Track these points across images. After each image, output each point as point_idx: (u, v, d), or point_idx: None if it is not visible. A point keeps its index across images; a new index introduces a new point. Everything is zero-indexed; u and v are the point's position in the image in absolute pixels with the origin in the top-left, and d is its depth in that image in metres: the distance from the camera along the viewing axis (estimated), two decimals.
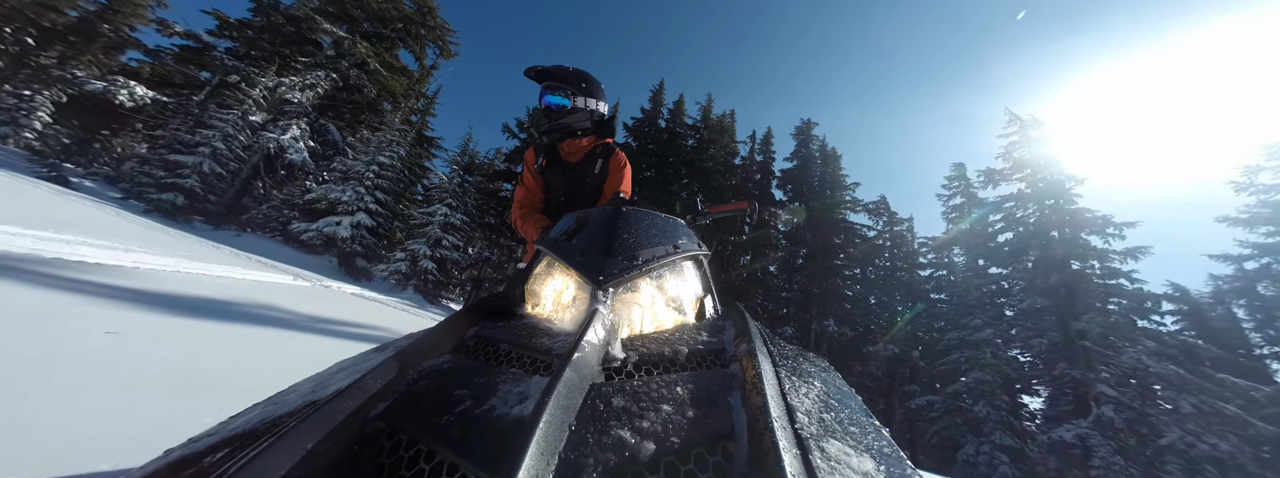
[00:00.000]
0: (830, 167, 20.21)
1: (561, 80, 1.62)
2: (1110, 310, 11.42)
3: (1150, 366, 9.47)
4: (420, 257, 14.95)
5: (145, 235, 7.04)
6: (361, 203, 14.89)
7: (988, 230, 14.96)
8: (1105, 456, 9.00)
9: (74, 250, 4.11)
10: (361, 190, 14.86)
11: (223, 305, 3.52)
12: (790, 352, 0.67)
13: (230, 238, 12.36)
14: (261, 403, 0.53)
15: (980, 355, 12.30)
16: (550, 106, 1.62)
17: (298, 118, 17.09)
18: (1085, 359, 10.42)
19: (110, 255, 4.32)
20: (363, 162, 15.38)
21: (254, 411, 0.50)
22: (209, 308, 3.28)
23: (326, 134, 19.05)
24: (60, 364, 1.60)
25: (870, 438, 0.47)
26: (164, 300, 3.01)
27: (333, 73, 18.46)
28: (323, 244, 14.17)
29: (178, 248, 6.72)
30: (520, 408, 0.40)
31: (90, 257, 3.91)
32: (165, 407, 1.52)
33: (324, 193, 14.65)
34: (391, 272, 14.78)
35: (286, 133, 16.67)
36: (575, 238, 0.72)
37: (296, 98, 17.30)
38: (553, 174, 1.74)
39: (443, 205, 15.87)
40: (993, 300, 14.21)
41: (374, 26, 20.92)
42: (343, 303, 6.51)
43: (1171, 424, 8.57)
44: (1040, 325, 12.09)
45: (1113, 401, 9.49)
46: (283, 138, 16.37)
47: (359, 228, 14.58)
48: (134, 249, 5.20)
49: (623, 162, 1.76)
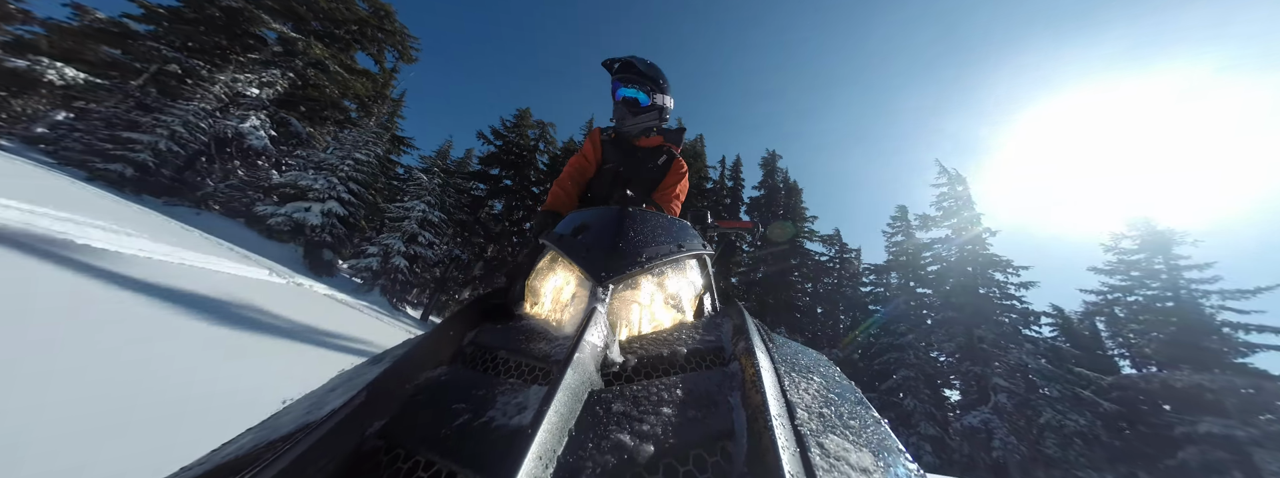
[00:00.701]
0: (793, 198, 22.32)
1: (639, 74, 1.63)
2: (1003, 322, 13.95)
3: (1028, 362, 11.73)
4: (393, 252, 14.78)
5: (116, 211, 7.05)
6: (334, 192, 14.61)
7: (919, 261, 17.58)
8: (1003, 437, 10.88)
9: (85, 233, 4.36)
10: (335, 180, 14.64)
11: (220, 305, 3.72)
12: (789, 348, 0.66)
13: (190, 216, 11.75)
14: (254, 428, 0.52)
15: (905, 356, 14.32)
16: (627, 99, 1.62)
17: (256, 109, 16.62)
18: (984, 357, 12.60)
19: (112, 239, 4.57)
20: (337, 156, 15.23)
21: (247, 436, 0.49)
22: (210, 308, 3.47)
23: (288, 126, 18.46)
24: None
25: (870, 432, 0.46)
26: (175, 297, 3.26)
27: (289, 72, 18.12)
28: (290, 231, 13.66)
29: (163, 231, 6.84)
30: (519, 418, 0.40)
31: (96, 240, 4.18)
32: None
33: (294, 178, 14.27)
34: (361, 268, 14.45)
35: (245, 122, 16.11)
36: (581, 234, 0.72)
37: (253, 92, 16.86)
38: (615, 151, 1.74)
39: (421, 202, 15.92)
40: (918, 312, 16.55)
41: (325, 26, 20.52)
42: (321, 305, 6.69)
43: (1044, 406, 10.66)
44: (952, 332, 14.37)
45: (1006, 390, 11.56)
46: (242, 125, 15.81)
47: (330, 216, 14.25)
48: (133, 234, 5.42)
49: (684, 168, 1.80)
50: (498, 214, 19.89)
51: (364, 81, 20.73)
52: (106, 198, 8.68)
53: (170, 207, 12.33)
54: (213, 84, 15.48)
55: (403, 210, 15.84)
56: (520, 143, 20.65)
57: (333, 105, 20.53)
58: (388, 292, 15.04)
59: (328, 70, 18.98)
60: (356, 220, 15.61)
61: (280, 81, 17.42)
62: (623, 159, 1.73)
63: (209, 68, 16.46)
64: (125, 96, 15.38)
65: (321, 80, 18.91)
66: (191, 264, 5.10)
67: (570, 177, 1.80)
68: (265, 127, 16.44)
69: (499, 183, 20.12)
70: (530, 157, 20.63)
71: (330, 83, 19.22)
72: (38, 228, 3.90)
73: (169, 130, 13.17)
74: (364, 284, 14.43)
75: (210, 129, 14.64)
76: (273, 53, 18.00)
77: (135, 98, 15.39)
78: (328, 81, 19.11)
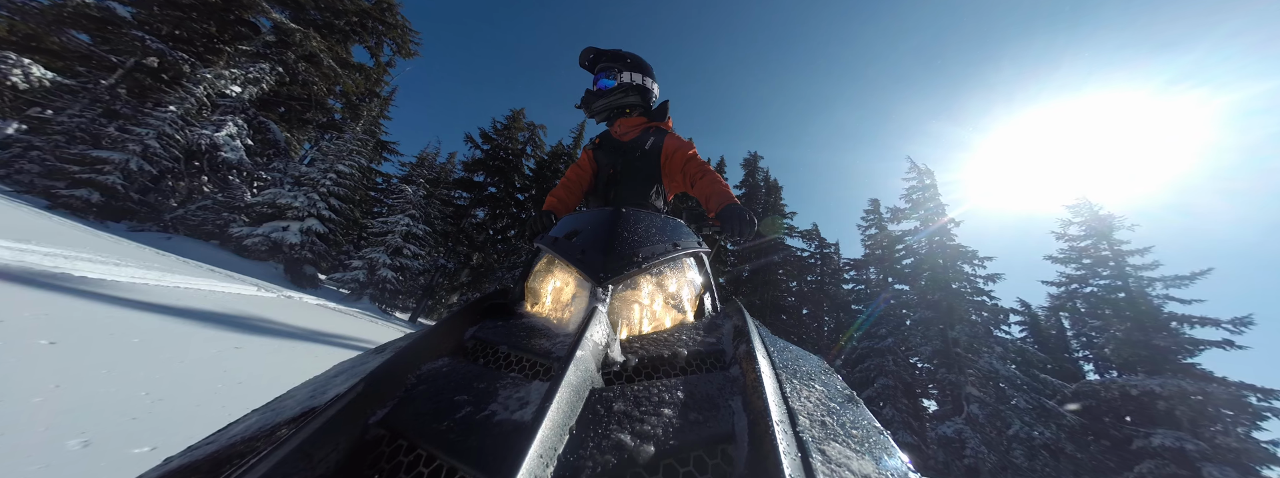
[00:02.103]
0: (773, 196, 22.69)
1: (610, 60, 1.62)
2: (975, 321, 14.46)
3: (999, 368, 12.29)
4: (379, 265, 14.56)
5: (92, 243, 7.03)
6: (314, 209, 14.20)
7: (894, 254, 17.99)
8: (975, 446, 11.48)
9: (76, 266, 4.48)
10: (315, 196, 14.19)
11: (230, 318, 4.28)
12: (789, 352, 0.65)
13: (161, 241, 11.34)
14: (259, 409, 0.52)
15: (885, 363, 14.84)
16: (602, 89, 1.62)
17: (234, 113, 15.75)
18: (958, 363, 13.15)
19: (107, 270, 4.78)
20: (319, 169, 14.68)
21: (252, 417, 0.49)
22: (223, 321, 4.02)
23: (267, 132, 17.62)
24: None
25: (872, 441, 0.46)
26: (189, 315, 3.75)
27: (278, 66, 17.17)
28: (268, 250, 13.32)
29: (142, 259, 6.92)
30: (521, 413, 0.40)
31: (91, 272, 4.37)
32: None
33: (272, 197, 13.79)
34: (347, 280, 14.25)
35: (221, 129, 15.32)
36: (576, 237, 0.71)
37: (234, 91, 15.92)
38: (604, 153, 1.71)
39: (405, 215, 15.59)
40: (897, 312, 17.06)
41: (324, 16, 19.69)
42: (316, 313, 7.28)
43: (1012, 417, 11.26)
44: (928, 334, 14.88)
45: (978, 400, 12.13)
46: (217, 134, 15.03)
47: (309, 234, 13.89)
48: (121, 263, 5.59)
49: (679, 143, 1.62)
50: (481, 222, 19.61)
51: (356, 77, 19.89)
52: (77, 228, 8.53)
53: (137, 232, 11.82)
54: (196, 83, 14.49)
55: (386, 225, 15.50)
56: (508, 147, 20.21)
57: (317, 105, 19.67)
58: (377, 299, 14.94)
59: (320, 65, 18.05)
60: (336, 237, 15.24)
61: (267, 78, 16.47)
62: (613, 159, 1.65)
63: (193, 61, 15.36)
64: (93, 101, 14.21)
65: (311, 76, 18.01)
66: (186, 287, 5.38)
67: (564, 185, 1.77)
68: (242, 135, 15.64)
69: (483, 190, 19.75)
70: (516, 162, 20.23)
71: (320, 79, 18.33)
72: (33, 265, 4.00)
73: (142, 145, 12.44)
74: (351, 294, 14.28)
75: (183, 140, 13.84)
76: (264, 43, 16.94)
77: (103, 103, 14.25)
78: (318, 77, 18.22)
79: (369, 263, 14.63)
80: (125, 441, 1.38)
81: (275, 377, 2.69)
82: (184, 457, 0.43)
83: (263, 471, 0.31)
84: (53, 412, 1.42)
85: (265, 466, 0.32)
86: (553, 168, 20.26)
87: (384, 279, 14.59)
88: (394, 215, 15.83)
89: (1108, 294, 13.41)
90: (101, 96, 14.53)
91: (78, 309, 2.83)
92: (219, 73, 15.36)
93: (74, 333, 2.34)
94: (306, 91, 18.71)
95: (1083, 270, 14.48)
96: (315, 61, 18.18)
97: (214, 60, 15.48)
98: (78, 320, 2.58)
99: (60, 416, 1.41)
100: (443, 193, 18.16)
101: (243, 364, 2.74)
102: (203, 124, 14.76)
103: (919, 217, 16.95)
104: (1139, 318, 12.16)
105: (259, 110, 17.10)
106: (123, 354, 2.23)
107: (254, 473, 0.31)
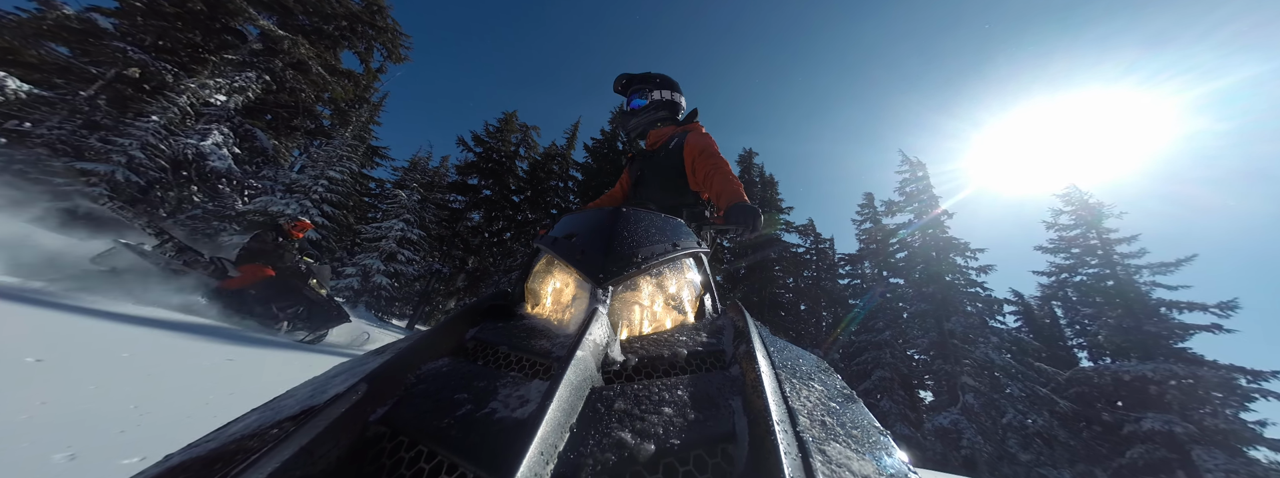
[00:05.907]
0: (769, 192, 22.71)
1: (640, 83, 1.75)
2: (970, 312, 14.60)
3: (994, 358, 12.42)
4: (373, 272, 14.50)
5: None
6: (307, 216, 14.13)
7: (888, 248, 18.11)
8: (970, 436, 11.61)
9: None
10: (308, 203, 14.11)
11: (230, 332, 4.47)
12: (789, 352, 0.66)
13: None
14: (259, 408, 0.52)
15: (882, 356, 14.96)
16: (634, 109, 1.74)
17: (219, 122, 15.60)
18: (954, 354, 13.29)
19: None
20: (310, 176, 14.59)
21: (252, 416, 0.50)
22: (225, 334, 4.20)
23: (254, 140, 17.45)
24: None
25: (872, 441, 0.46)
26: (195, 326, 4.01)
27: (265, 74, 17.00)
28: None
29: None
30: (521, 411, 0.40)
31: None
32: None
33: (263, 205, 13.70)
34: (341, 288, 14.18)
35: (207, 138, 15.16)
36: (575, 237, 0.72)
37: (220, 100, 15.75)
38: (636, 163, 1.80)
39: (400, 220, 15.52)
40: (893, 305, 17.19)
41: (312, 21, 19.49)
42: None
43: (1007, 405, 11.39)
44: (924, 326, 15.01)
45: (973, 390, 12.26)
46: (203, 144, 14.88)
47: (303, 241, 13.81)
48: None
49: (700, 139, 1.60)
50: (477, 225, 19.56)
51: (346, 84, 19.66)
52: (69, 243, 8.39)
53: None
54: (180, 93, 14.34)
55: (380, 230, 15.44)
56: (501, 149, 20.14)
57: (305, 112, 19.46)
58: (372, 307, 14.87)
59: (308, 72, 17.86)
60: (330, 244, 15.16)
61: (253, 86, 16.29)
62: (644, 167, 1.75)
63: (176, 71, 15.18)
64: (73, 112, 14.05)
65: (299, 83, 17.80)
66: None
67: (601, 201, 1.91)
68: (228, 144, 15.50)
69: (478, 193, 19.68)
70: (510, 164, 20.17)
71: (308, 86, 18.14)
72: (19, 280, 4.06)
73: (126, 156, 12.31)
74: (346, 301, 14.21)
75: (169, 151, 13.73)
76: (251, 51, 16.73)
77: (83, 114, 14.10)
78: (306, 85, 18.02)
79: (363, 270, 14.57)
80: (112, 453, 1.39)
81: (265, 387, 2.70)
82: (184, 454, 0.43)
83: (265, 467, 0.32)
84: (38, 428, 1.43)
85: (267, 462, 0.32)
86: (546, 169, 20.22)
87: (379, 286, 14.52)
88: (388, 220, 15.77)
89: (1097, 283, 13.60)
90: (81, 108, 14.37)
91: (66, 325, 2.81)
92: (203, 82, 15.19)
93: (61, 349, 2.32)
94: (294, 99, 18.52)
95: (1072, 260, 14.68)
96: (303, 69, 17.99)
97: (199, 70, 15.29)
98: (65, 336, 2.56)
99: (46, 432, 1.42)
100: (437, 197, 18.08)
101: (234, 376, 2.74)
102: (187, 133, 14.62)
103: (913, 210, 17.11)
104: (1129, 305, 12.33)
105: (245, 118, 16.93)
106: (112, 369, 2.21)
107: (256, 469, 0.32)
